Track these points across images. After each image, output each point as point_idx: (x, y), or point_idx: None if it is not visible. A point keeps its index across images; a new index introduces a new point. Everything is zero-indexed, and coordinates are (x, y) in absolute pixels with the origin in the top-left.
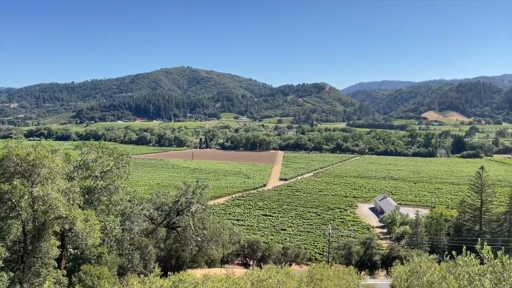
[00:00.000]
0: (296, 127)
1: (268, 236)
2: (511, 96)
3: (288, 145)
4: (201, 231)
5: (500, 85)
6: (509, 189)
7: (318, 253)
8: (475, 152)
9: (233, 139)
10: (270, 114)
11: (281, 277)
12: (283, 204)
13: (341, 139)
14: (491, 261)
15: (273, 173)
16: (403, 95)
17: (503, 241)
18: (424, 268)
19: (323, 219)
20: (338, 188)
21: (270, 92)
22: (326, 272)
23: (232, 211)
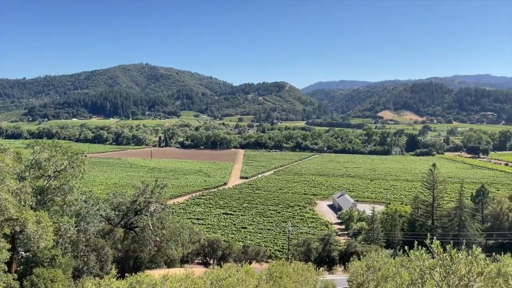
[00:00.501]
0: (256, 126)
1: (228, 235)
2: (461, 96)
3: (249, 144)
4: (160, 231)
5: (451, 85)
6: (459, 185)
7: (278, 250)
8: (427, 150)
9: (194, 138)
10: (231, 112)
11: (241, 276)
12: (244, 203)
13: (300, 138)
14: (440, 255)
15: (234, 172)
16: (360, 95)
17: (453, 235)
18: (380, 263)
19: (283, 216)
20: (298, 186)
21: (230, 91)
22: (285, 269)
23: (192, 210)
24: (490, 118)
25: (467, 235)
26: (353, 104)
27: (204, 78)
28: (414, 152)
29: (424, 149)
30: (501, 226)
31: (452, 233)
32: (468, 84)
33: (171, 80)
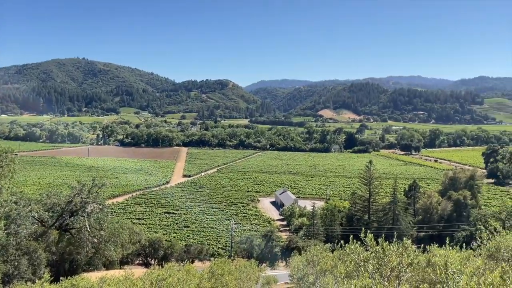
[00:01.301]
0: (199, 123)
1: (170, 234)
2: (395, 96)
3: (192, 141)
4: (98, 232)
5: (386, 86)
6: (393, 181)
7: (222, 248)
8: (364, 147)
9: (134, 135)
10: (173, 109)
11: (182, 275)
12: (187, 201)
13: (244, 136)
14: (374, 248)
15: (176, 170)
16: (301, 94)
17: (388, 228)
18: (318, 257)
19: (226, 214)
20: (241, 183)
21: (173, 88)
22: (227, 267)
23: (133, 210)
24: (421, 117)
25: (400, 228)
26: (295, 103)
27: (145, 74)
28: (352, 149)
29: (361, 146)
30: (431, 219)
31: (387, 227)
32: (402, 85)
33: (110, 75)
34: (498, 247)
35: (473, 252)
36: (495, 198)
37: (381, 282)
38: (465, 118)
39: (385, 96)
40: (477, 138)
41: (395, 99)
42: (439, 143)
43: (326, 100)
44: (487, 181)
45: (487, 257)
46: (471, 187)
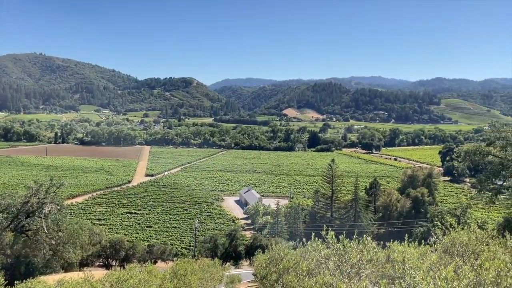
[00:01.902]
0: (163, 122)
1: (132, 235)
2: (357, 96)
3: (155, 140)
4: (55, 234)
5: (348, 86)
6: (355, 179)
7: (185, 248)
8: (327, 146)
9: (94, 134)
10: (136, 107)
11: (143, 276)
12: (149, 201)
13: (208, 134)
14: (335, 245)
15: (139, 169)
16: (266, 93)
17: (349, 225)
18: (282, 255)
19: (190, 213)
20: (206, 182)
21: (135, 85)
22: (190, 267)
23: (93, 210)
24: (382, 116)
25: (361, 225)
26: (260, 102)
27: (106, 71)
28: (316, 148)
29: (324, 145)
30: (391, 215)
31: (349, 224)
32: (363, 85)
33: (69, 72)
34: (453, 242)
35: (430, 247)
36: (451, 195)
37: (342, 279)
38: (423, 118)
39: (347, 96)
40: (434, 137)
41: (356, 99)
42: (398, 142)
43: (290, 100)
44: (444, 179)
45: (443, 252)
46: (428, 185)
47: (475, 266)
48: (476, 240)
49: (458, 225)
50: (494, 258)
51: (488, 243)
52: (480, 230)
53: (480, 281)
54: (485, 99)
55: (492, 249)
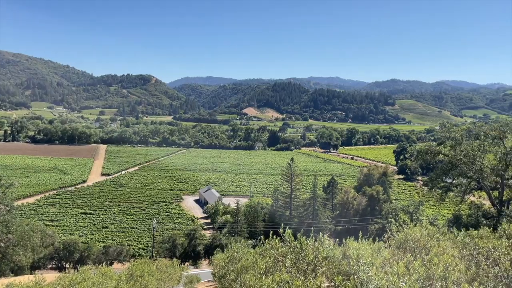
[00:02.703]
0: (120, 120)
1: (87, 236)
2: (315, 96)
3: (112, 139)
4: (5, 236)
5: (307, 86)
6: (313, 177)
7: (143, 248)
8: (287, 145)
9: (47, 132)
10: (91, 105)
11: (97, 278)
12: (105, 201)
13: (167, 133)
14: (291, 243)
15: (94, 169)
16: (226, 91)
17: (308, 223)
18: (240, 254)
19: (148, 213)
20: (164, 181)
21: (91, 82)
22: (147, 268)
23: (46, 211)
24: (339, 116)
25: (319, 223)
26: (220, 100)
27: (60, 66)
28: (275, 147)
29: (284, 144)
30: (348, 213)
31: (307, 222)
32: (321, 85)
33: (20, 67)
34: (406, 238)
35: (384, 243)
36: (404, 193)
37: (298, 276)
38: (378, 118)
39: (306, 96)
40: (389, 137)
41: (315, 99)
42: (355, 142)
43: (251, 99)
44: (398, 177)
45: (396, 248)
46: (383, 183)
47: (425, 261)
48: (427, 236)
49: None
50: (443, 253)
51: (438, 239)
52: (431, 226)
53: (429, 275)
54: (437, 100)
55: (442, 245)
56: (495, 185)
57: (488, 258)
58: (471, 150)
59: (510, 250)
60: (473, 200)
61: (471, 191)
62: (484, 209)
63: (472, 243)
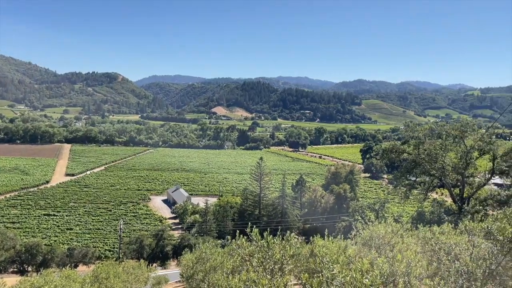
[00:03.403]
0: (85, 119)
1: (51, 238)
2: (284, 95)
3: (76, 138)
4: None
5: (276, 85)
6: (282, 176)
7: (109, 250)
8: (256, 144)
9: (7, 131)
10: (55, 103)
11: (60, 281)
12: (70, 202)
13: (134, 132)
14: (258, 242)
15: (58, 169)
16: (195, 90)
17: (277, 222)
18: (208, 254)
19: (114, 214)
20: (131, 181)
21: (54, 79)
22: (113, 269)
23: (6, 213)
24: (308, 116)
25: (288, 221)
26: (188, 99)
27: (22, 63)
28: (245, 146)
29: (253, 143)
30: (316, 211)
31: (276, 220)
32: (290, 85)
33: None
34: (371, 235)
35: (351, 241)
36: (371, 191)
37: (265, 275)
38: (345, 117)
39: (275, 95)
40: (356, 136)
41: (284, 98)
42: (323, 141)
43: (220, 98)
44: (364, 175)
45: (362, 245)
46: (350, 181)
47: (389, 257)
48: (391, 233)
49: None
50: (407, 249)
51: (402, 236)
52: (395, 223)
53: (393, 271)
54: (401, 100)
55: (406, 241)
56: (456, 183)
57: (449, 253)
58: (433, 149)
59: (470, 246)
60: (436, 197)
61: (434, 189)
62: (446, 206)
63: (434, 239)
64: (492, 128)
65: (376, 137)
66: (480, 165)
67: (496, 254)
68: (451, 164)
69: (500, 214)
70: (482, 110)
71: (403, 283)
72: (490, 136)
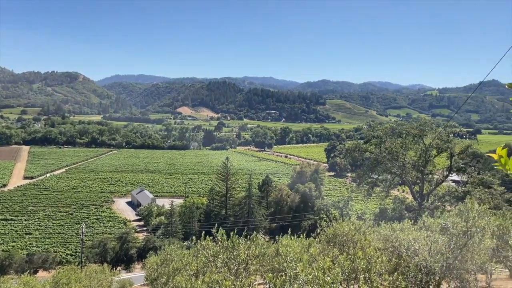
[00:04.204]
0: (44, 119)
1: (9, 243)
2: (250, 96)
3: (35, 139)
4: None
5: (242, 85)
6: (248, 176)
7: (71, 254)
8: (222, 144)
9: None
10: (12, 103)
11: None
12: (29, 205)
13: (97, 133)
14: (223, 243)
15: (16, 171)
16: (159, 90)
17: (243, 222)
18: (173, 255)
19: (76, 218)
20: (94, 184)
21: (11, 79)
22: (74, 275)
23: None
24: (273, 116)
25: (255, 221)
26: (153, 99)
27: None
28: (211, 146)
29: (219, 143)
30: (282, 210)
31: (243, 220)
32: (256, 85)
33: None
34: (335, 233)
35: (315, 239)
36: (335, 189)
37: (229, 276)
38: (310, 117)
39: (241, 95)
40: (320, 136)
41: (250, 98)
42: (289, 140)
43: (185, 98)
44: (329, 174)
45: (326, 243)
46: (315, 180)
47: (350, 255)
48: (354, 230)
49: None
50: (369, 246)
51: (364, 233)
52: (358, 221)
53: (354, 268)
54: (364, 100)
55: (368, 238)
56: (416, 180)
57: (409, 249)
58: (394, 148)
59: (428, 241)
60: (397, 194)
61: (395, 186)
62: (406, 203)
63: (394, 236)
64: (449, 127)
65: (340, 137)
66: (438, 162)
67: (453, 249)
68: (411, 162)
69: (455, 210)
70: (440, 109)
71: (364, 279)
72: (448, 135)
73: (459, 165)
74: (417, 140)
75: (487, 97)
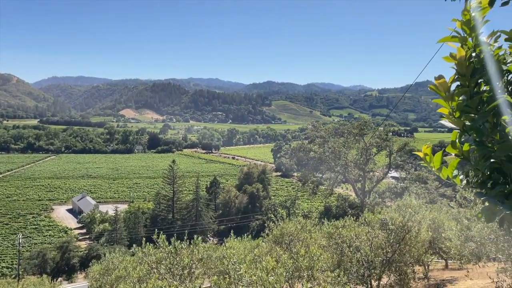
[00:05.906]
0: None
1: None
2: (196, 97)
3: None
4: None
5: (187, 87)
6: (196, 179)
7: (7, 267)
8: (168, 147)
9: None
10: None
11: None
12: None
13: (33, 138)
14: (166, 248)
15: None
16: (100, 92)
17: (191, 225)
18: (116, 263)
19: (12, 228)
20: (31, 191)
21: None
22: None
23: None
24: (220, 117)
25: (203, 224)
26: (94, 102)
27: None
28: (156, 149)
29: (165, 146)
30: (230, 212)
31: (191, 223)
32: (201, 87)
33: None
34: (282, 233)
35: (262, 239)
36: (282, 189)
37: (172, 281)
38: (257, 118)
39: (187, 97)
40: (267, 136)
41: (196, 100)
42: (236, 142)
43: (128, 100)
44: (276, 174)
45: (273, 243)
46: (262, 181)
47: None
48: (301, 229)
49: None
50: (315, 243)
51: (310, 231)
52: (304, 220)
53: (297, 266)
54: (308, 101)
55: (313, 236)
56: (358, 178)
57: (351, 245)
58: (337, 147)
59: (369, 237)
60: (341, 192)
61: (339, 184)
62: (350, 200)
63: (336, 233)
64: (388, 126)
65: (286, 137)
66: (378, 160)
67: (392, 243)
68: (353, 160)
69: (393, 206)
70: (380, 109)
71: (307, 276)
72: (386, 133)
73: (398, 162)
74: (358, 139)
75: (422, 97)
